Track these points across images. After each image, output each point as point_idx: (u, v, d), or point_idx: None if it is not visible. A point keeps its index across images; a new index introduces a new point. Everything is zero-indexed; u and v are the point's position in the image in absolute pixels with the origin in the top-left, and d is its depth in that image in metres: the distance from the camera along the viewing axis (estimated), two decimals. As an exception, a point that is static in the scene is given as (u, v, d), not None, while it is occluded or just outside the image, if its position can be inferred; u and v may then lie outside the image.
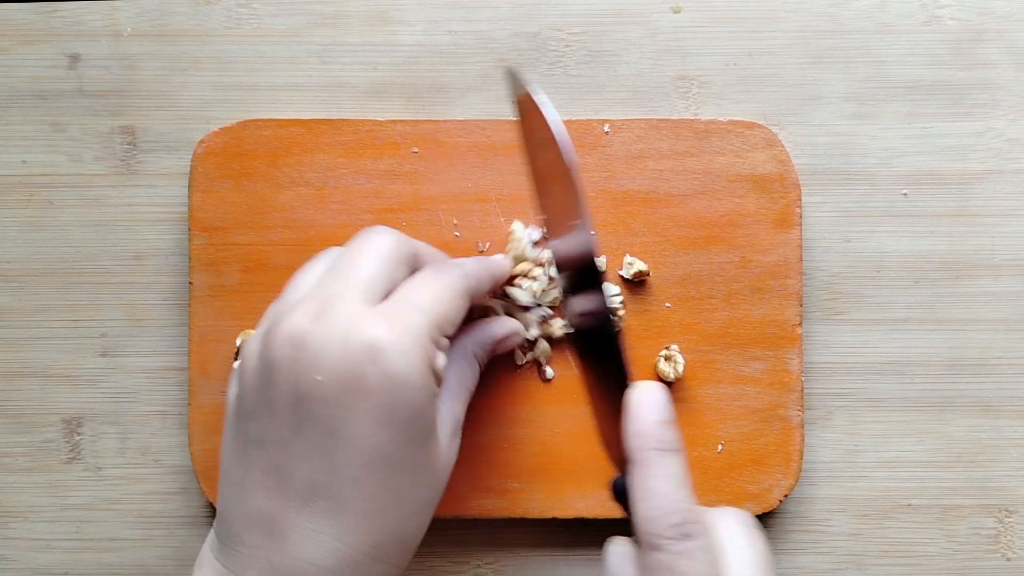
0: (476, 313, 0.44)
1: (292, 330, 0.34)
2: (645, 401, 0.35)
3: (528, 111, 0.37)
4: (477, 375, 0.41)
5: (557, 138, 0.35)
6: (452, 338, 0.40)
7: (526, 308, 0.45)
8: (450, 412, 0.38)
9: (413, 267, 0.38)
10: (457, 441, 0.39)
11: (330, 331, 0.33)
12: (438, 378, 0.35)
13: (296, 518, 0.33)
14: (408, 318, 0.34)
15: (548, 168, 0.37)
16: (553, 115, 0.35)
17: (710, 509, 0.36)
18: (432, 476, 0.36)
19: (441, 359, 0.36)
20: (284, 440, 0.34)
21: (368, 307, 0.34)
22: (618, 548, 0.35)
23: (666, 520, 0.33)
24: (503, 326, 0.43)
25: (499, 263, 0.43)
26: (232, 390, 0.36)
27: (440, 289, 0.36)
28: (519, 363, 0.45)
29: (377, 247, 0.37)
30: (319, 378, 0.33)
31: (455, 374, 0.40)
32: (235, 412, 0.36)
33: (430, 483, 0.36)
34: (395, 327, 0.34)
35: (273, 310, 0.37)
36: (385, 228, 0.38)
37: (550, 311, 0.45)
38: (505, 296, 0.45)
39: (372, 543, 0.34)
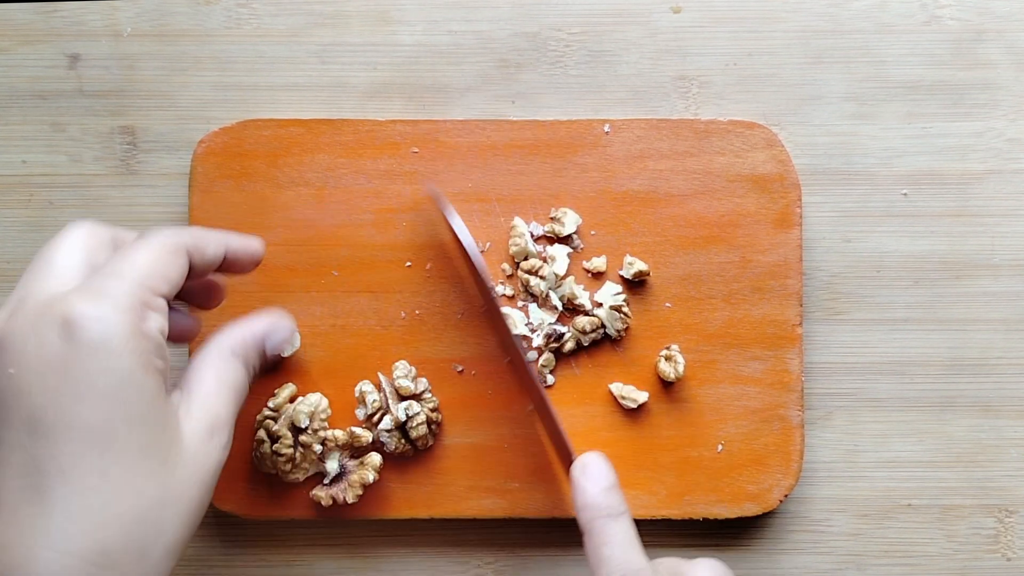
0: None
1: None
2: (588, 472, 0.39)
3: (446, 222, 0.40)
4: (240, 373, 0.37)
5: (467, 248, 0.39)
6: (207, 339, 0.38)
7: (543, 304, 0.45)
8: (202, 408, 0.35)
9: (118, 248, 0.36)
10: (218, 440, 0.35)
11: (21, 322, 0.32)
12: (153, 342, 0.33)
13: (8, 532, 0.30)
14: (105, 286, 0.32)
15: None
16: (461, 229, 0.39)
17: (684, 561, 0.38)
18: (167, 468, 0.33)
19: (154, 320, 0.33)
20: None
21: (64, 287, 0.33)
22: None
23: None
24: (262, 319, 0.39)
25: (241, 236, 0.39)
26: None
27: (144, 249, 0.34)
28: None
29: (67, 236, 0.35)
30: (11, 371, 0.31)
31: (211, 371, 0.36)
32: None
33: (164, 477, 0.32)
34: (88, 296, 0.32)
35: None
36: (79, 220, 0.36)
37: (554, 328, 0.45)
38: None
39: (97, 549, 0.31)
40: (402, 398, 0.44)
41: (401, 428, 0.44)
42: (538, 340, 0.45)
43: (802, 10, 0.47)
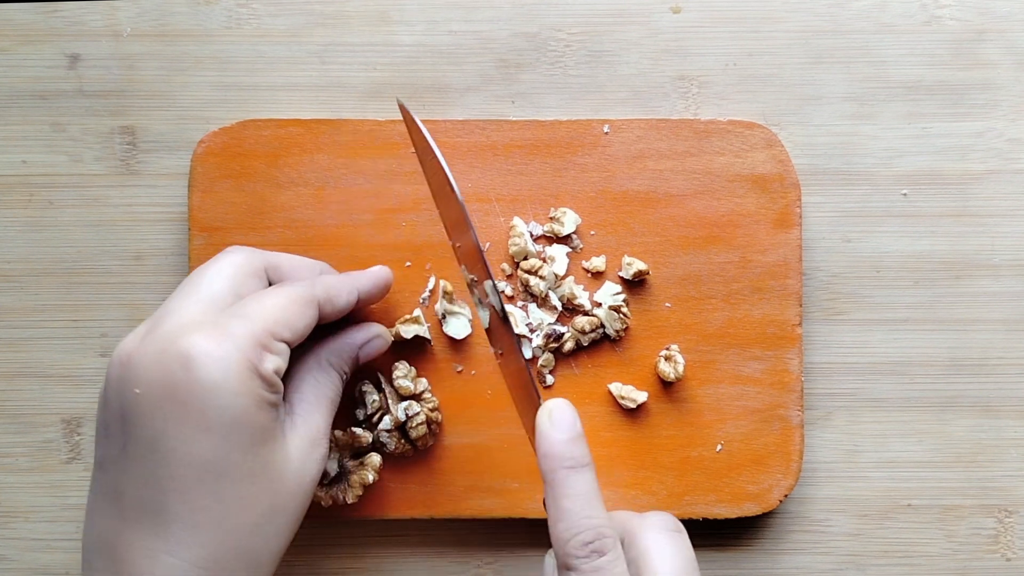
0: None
1: (121, 349, 0.35)
2: (554, 419, 0.37)
3: (413, 134, 0.40)
4: (337, 384, 0.40)
5: (433, 148, 0.38)
6: (307, 351, 0.40)
7: (543, 304, 0.45)
8: (304, 423, 0.38)
9: (271, 281, 0.39)
10: (319, 452, 0.38)
11: (151, 346, 0.34)
12: (269, 382, 0.35)
13: (131, 538, 0.33)
14: (231, 326, 0.34)
15: (434, 180, 0.40)
16: (425, 131, 0.38)
17: (635, 515, 0.38)
18: (275, 485, 0.35)
19: (270, 362, 0.35)
20: (116, 460, 0.34)
21: (198, 318, 0.35)
22: (551, 560, 0.37)
23: (578, 539, 0.35)
24: (361, 331, 0.42)
25: (366, 274, 0.42)
26: None
27: (275, 297, 0.36)
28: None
29: (222, 263, 0.37)
30: (137, 391, 0.33)
31: (309, 385, 0.39)
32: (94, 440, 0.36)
33: (273, 493, 0.35)
34: (212, 335, 0.34)
35: None
36: (236, 247, 0.39)
37: (554, 329, 0.45)
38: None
39: (210, 557, 0.34)
40: (402, 398, 0.44)
41: (401, 428, 0.44)
42: (538, 340, 0.45)
43: (802, 10, 0.47)
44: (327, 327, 0.41)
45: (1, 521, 0.47)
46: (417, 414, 0.44)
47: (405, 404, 0.44)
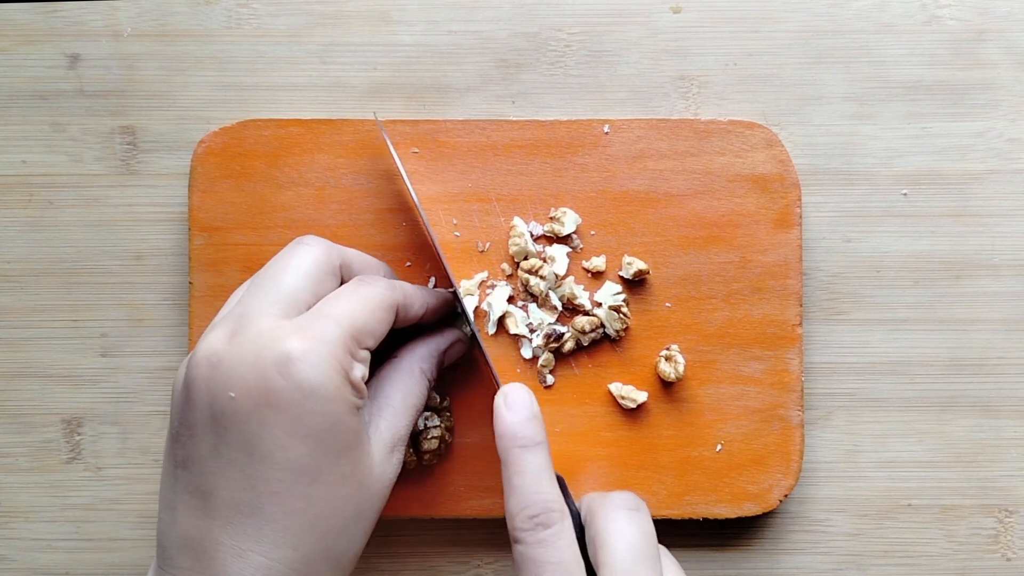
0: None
1: (208, 350, 0.34)
2: (509, 402, 0.39)
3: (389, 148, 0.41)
4: (424, 391, 0.41)
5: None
6: (396, 355, 0.41)
7: (543, 304, 0.45)
8: (389, 428, 0.38)
9: (343, 278, 0.38)
10: (398, 457, 0.38)
11: (243, 348, 0.34)
12: (357, 389, 0.35)
13: (221, 537, 0.34)
14: (321, 329, 0.34)
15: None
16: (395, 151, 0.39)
17: (598, 495, 0.39)
18: (361, 489, 0.36)
19: (358, 370, 0.35)
20: (204, 460, 0.34)
21: (284, 321, 0.35)
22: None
23: (524, 513, 0.36)
24: (444, 336, 0.43)
25: (438, 292, 0.43)
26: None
27: (359, 300, 0.36)
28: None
29: (300, 259, 0.37)
30: (232, 395, 0.33)
31: (398, 391, 0.39)
32: (168, 436, 0.36)
33: (359, 496, 0.36)
34: (307, 338, 0.34)
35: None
36: (314, 238, 0.38)
37: (555, 328, 0.45)
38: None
39: (300, 558, 0.34)
40: (426, 407, 0.44)
41: (414, 437, 0.44)
42: (538, 340, 0.45)
43: (802, 10, 0.47)
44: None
45: (1, 521, 0.47)
46: (435, 427, 0.43)
47: (427, 414, 0.44)
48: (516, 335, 0.45)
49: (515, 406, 0.39)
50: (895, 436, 0.47)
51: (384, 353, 0.41)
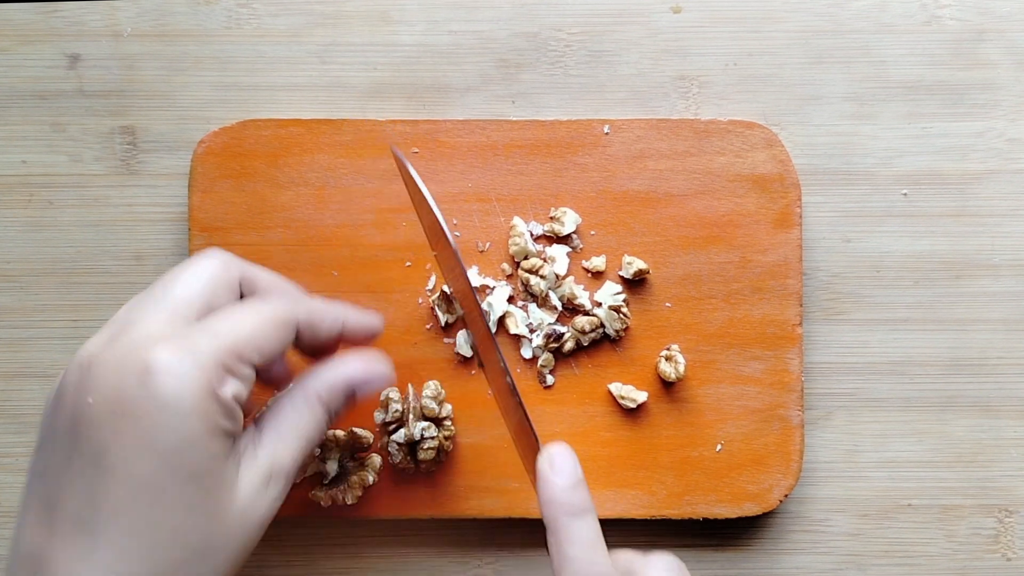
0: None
1: (83, 354, 0.33)
2: (555, 466, 0.37)
3: (406, 177, 0.39)
4: (321, 423, 0.36)
5: (425, 195, 0.37)
6: (297, 377, 0.37)
7: (543, 304, 0.45)
8: (267, 457, 0.35)
9: (244, 295, 0.36)
10: (274, 491, 0.35)
11: (113, 353, 0.32)
12: (226, 408, 0.32)
13: (59, 555, 0.31)
14: (197, 341, 0.32)
15: (427, 223, 0.39)
16: (419, 179, 0.38)
17: (638, 556, 0.37)
18: (212, 522, 0.32)
19: (231, 387, 0.32)
20: (58, 469, 0.32)
21: (166, 329, 0.33)
22: None
23: None
24: (361, 364, 0.38)
25: (360, 314, 0.39)
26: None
27: (249, 315, 0.34)
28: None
29: (196, 269, 0.35)
30: (90, 400, 0.31)
31: (289, 418, 0.36)
32: (34, 447, 0.34)
33: (209, 530, 0.32)
34: (176, 349, 0.32)
35: None
36: (216, 251, 0.36)
37: (556, 330, 0.45)
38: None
39: None
40: (425, 417, 0.43)
41: (411, 445, 0.43)
42: (538, 340, 0.45)
43: (802, 10, 0.47)
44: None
45: (1, 521, 0.47)
46: (432, 438, 0.43)
47: (424, 425, 0.43)
48: (516, 335, 0.45)
49: (562, 471, 0.37)
50: (895, 436, 0.47)
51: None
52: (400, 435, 0.43)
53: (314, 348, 0.38)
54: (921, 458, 0.47)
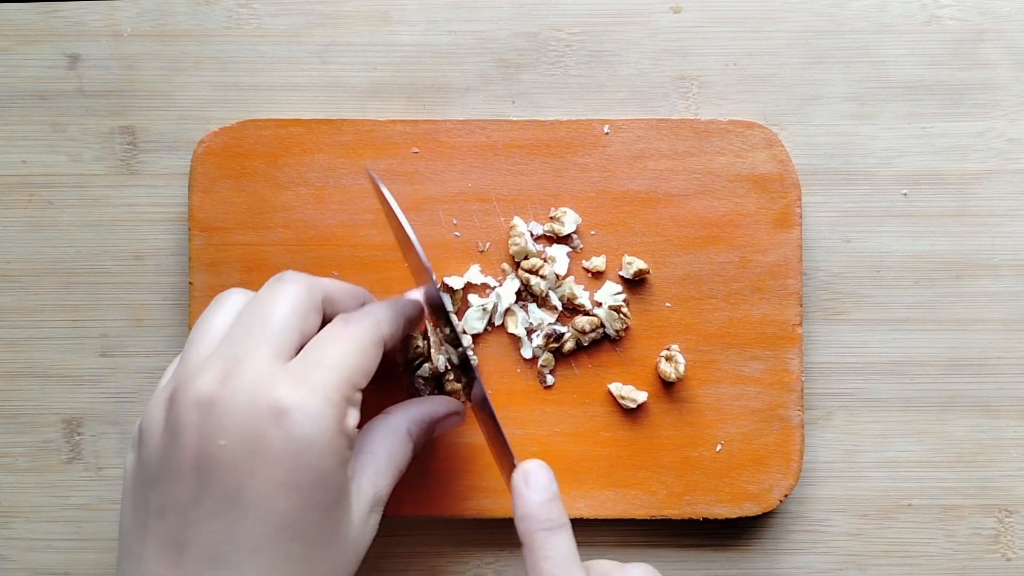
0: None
1: (200, 394, 0.33)
2: (530, 481, 0.37)
3: (378, 194, 0.39)
4: (409, 454, 0.39)
5: (395, 210, 0.38)
6: (387, 411, 0.39)
7: (543, 304, 0.45)
8: (372, 486, 0.37)
9: (326, 313, 0.37)
10: (376, 517, 0.37)
11: (238, 393, 0.32)
12: (350, 438, 0.34)
13: None
14: (317, 377, 0.33)
15: (400, 235, 0.40)
16: (388, 194, 0.38)
17: (615, 567, 0.37)
18: (342, 549, 0.35)
19: (353, 416, 0.34)
20: (185, 508, 0.33)
21: (278, 365, 0.33)
22: None
23: None
24: (444, 405, 0.42)
25: (411, 302, 0.41)
26: (130, 457, 0.35)
27: (349, 342, 0.35)
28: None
29: (287, 298, 0.35)
30: (223, 443, 0.32)
31: (384, 449, 0.38)
32: (135, 480, 0.34)
33: (338, 556, 0.35)
34: (303, 387, 0.33)
35: (178, 369, 0.35)
36: (294, 275, 0.37)
37: (556, 329, 0.45)
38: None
39: None
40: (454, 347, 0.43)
41: (437, 379, 0.44)
42: (538, 340, 0.45)
43: (802, 10, 0.47)
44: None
45: (1, 521, 0.47)
46: (455, 368, 0.43)
47: (448, 355, 0.43)
48: (515, 335, 0.45)
49: (537, 486, 0.37)
50: (895, 436, 0.47)
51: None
52: (425, 370, 0.43)
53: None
54: (921, 458, 0.47)
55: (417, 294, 0.43)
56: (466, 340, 0.45)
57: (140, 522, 0.34)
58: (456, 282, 0.45)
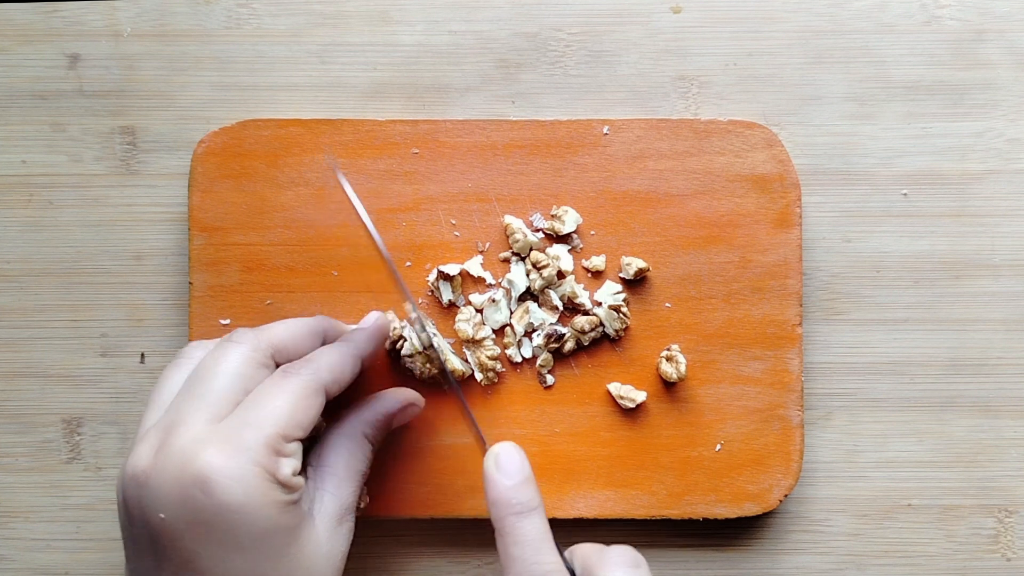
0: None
1: (134, 469, 0.34)
2: (500, 465, 0.37)
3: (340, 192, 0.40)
4: (369, 456, 0.40)
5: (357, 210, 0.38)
6: (338, 419, 0.40)
7: (543, 303, 0.45)
8: (334, 500, 0.37)
9: (278, 363, 0.38)
10: (349, 524, 0.38)
11: (165, 465, 0.33)
12: (287, 485, 0.34)
13: None
14: (243, 437, 0.34)
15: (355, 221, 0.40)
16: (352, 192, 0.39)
17: (596, 550, 0.37)
18: (311, 570, 0.35)
19: (287, 466, 0.34)
20: (150, 573, 0.34)
21: (209, 428, 0.34)
22: None
23: None
24: (395, 399, 0.42)
25: (363, 336, 0.41)
26: None
27: (282, 396, 0.35)
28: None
29: (230, 361, 0.36)
30: (161, 516, 0.33)
31: (343, 459, 0.39)
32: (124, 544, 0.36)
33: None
34: (225, 451, 0.33)
35: (139, 429, 0.36)
36: (243, 335, 0.37)
37: (555, 329, 0.45)
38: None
39: None
40: (465, 341, 0.44)
41: (424, 353, 0.44)
42: (538, 340, 0.45)
43: (802, 10, 0.47)
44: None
45: (1, 521, 0.47)
46: (435, 335, 0.43)
47: (422, 332, 0.43)
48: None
49: (507, 469, 0.37)
50: (895, 436, 0.47)
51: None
52: (407, 348, 0.43)
53: (341, 391, 0.39)
54: (921, 458, 0.47)
55: (371, 320, 0.42)
56: (429, 326, 0.44)
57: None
58: (452, 269, 0.45)
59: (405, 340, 0.44)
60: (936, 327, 0.47)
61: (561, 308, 0.45)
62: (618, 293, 0.45)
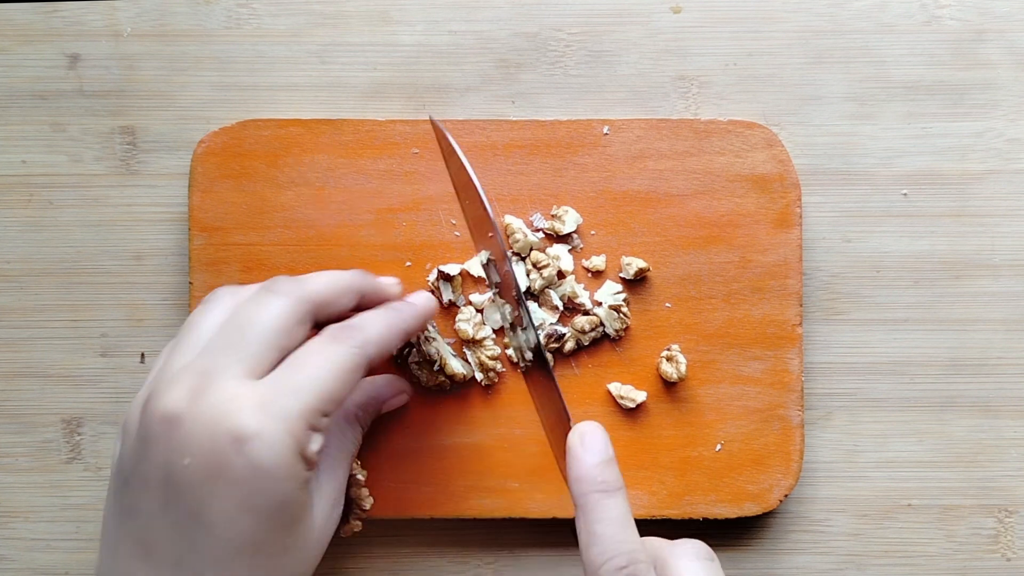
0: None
1: (167, 409, 0.33)
2: (586, 443, 0.37)
3: (440, 140, 0.41)
4: (359, 437, 0.41)
5: (458, 152, 0.39)
6: None
7: (543, 303, 0.45)
8: (330, 481, 0.38)
9: (319, 319, 0.37)
10: (339, 509, 0.38)
11: (203, 415, 0.33)
12: (310, 463, 0.34)
13: None
14: (282, 404, 0.33)
15: (461, 184, 0.41)
16: (453, 140, 0.40)
17: (666, 543, 0.37)
18: (302, 555, 0.36)
19: (316, 443, 0.34)
20: (152, 514, 0.33)
21: (248, 384, 0.33)
22: None
23: (611, 563, 0.34)
24: (389, 387, 0.43)
25: (414, 311, 0.40)
26: (115, 447, 0.36)
27: (327, 366, 0.34)
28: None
29: (269, 314, 0.35)
30: (186, 461, 0.33)
31: (336, 439, 0.39)
32: (115, 475, 0.35)
33: (300, 561, 0.36)
34: (266, 414, 0.33)
35: (160, 372, 0.36)
36: (284, 285, 0.36)
37: (554, 329, 0.45)
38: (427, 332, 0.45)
39: None
40: (467, 342, 0.44)
41: (431, 363, 0.44)
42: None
43: (802, 10, 0.47)
44: None
45: (1, 521, 0.47)
46: (434, 339, 0.43)
47: (429, 337, 0.43)
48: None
49: (593, 447, 0.37)
50: (895, 436, 0.47)
51: None
52: (414, 354, 0.44)
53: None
54: (921, 458, 0.47)
55: (422, 298, 0.41)
56: (430, 327, 0.44)
57: (116, 516, 0.35)
58: (452, 269, 0.45)
59: (412, 347, 0.44)
60: (936, 327, 0.47)
61: (561, 308, 0.45)
62: (618, 293, 0.45)
